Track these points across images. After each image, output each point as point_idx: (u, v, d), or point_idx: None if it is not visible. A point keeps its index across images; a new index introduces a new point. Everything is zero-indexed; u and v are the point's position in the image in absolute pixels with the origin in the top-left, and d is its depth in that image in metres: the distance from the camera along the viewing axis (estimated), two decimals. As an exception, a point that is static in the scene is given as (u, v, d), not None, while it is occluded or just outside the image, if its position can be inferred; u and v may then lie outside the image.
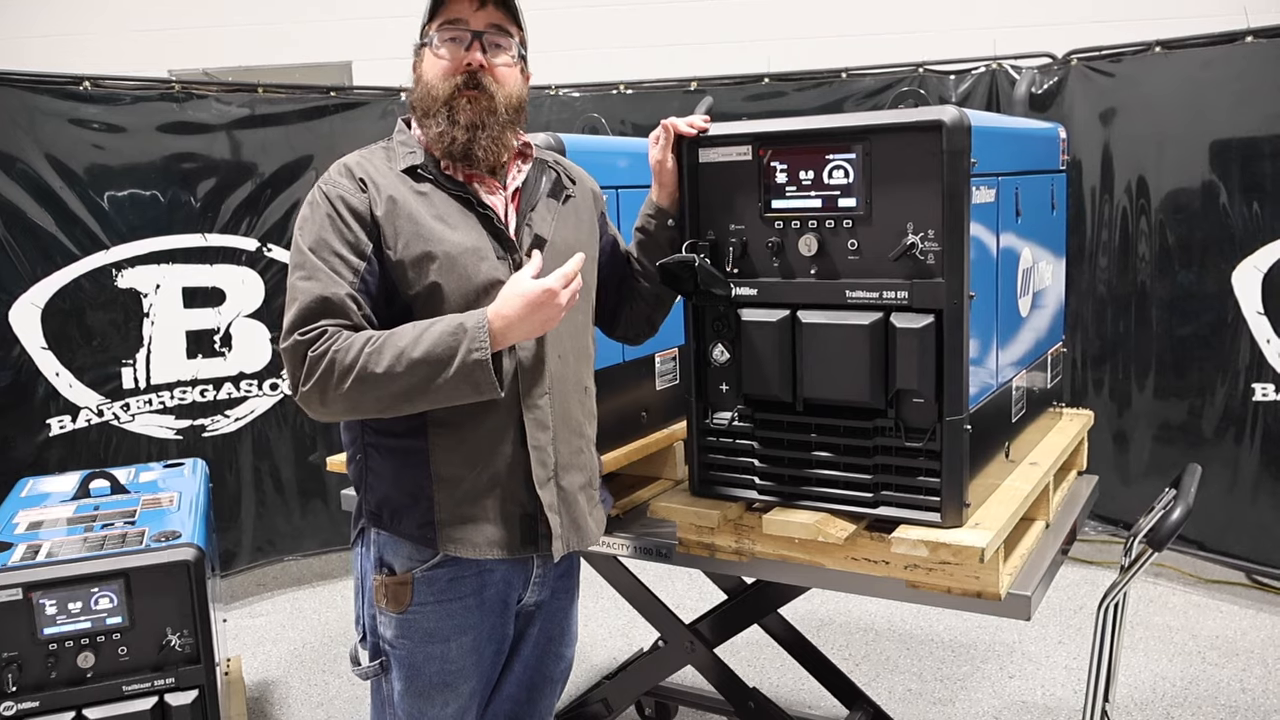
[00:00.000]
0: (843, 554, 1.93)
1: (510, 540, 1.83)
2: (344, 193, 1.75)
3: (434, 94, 1.79)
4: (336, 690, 3.61)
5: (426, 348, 1.65)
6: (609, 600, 3.86)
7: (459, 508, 1.79)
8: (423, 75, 1.83)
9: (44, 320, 3.88)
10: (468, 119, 1.78)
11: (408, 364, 1.64)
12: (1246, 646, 3.68)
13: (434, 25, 1.81)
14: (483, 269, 1.77)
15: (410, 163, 1.80)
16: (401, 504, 1.81)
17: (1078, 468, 2.53)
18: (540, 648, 2.03)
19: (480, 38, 1.79)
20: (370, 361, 1.65)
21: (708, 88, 4.82)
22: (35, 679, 2.21)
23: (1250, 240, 3.87)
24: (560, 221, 1.91)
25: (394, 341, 1.66)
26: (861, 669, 3.60)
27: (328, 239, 1.72)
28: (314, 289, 1.70)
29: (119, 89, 4.07)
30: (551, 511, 1.84)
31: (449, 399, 1.68)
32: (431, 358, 1.64)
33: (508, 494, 1.81)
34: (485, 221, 1.80)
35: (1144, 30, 4.28)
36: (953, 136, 1.74)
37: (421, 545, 1.81)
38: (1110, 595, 2.10)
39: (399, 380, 1.65)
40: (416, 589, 1.83)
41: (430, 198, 1.79)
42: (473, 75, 1.78)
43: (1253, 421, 3.93)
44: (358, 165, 1.80)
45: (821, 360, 1.87)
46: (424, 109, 1.81)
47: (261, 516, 4.51)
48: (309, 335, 1.68)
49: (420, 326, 1.68)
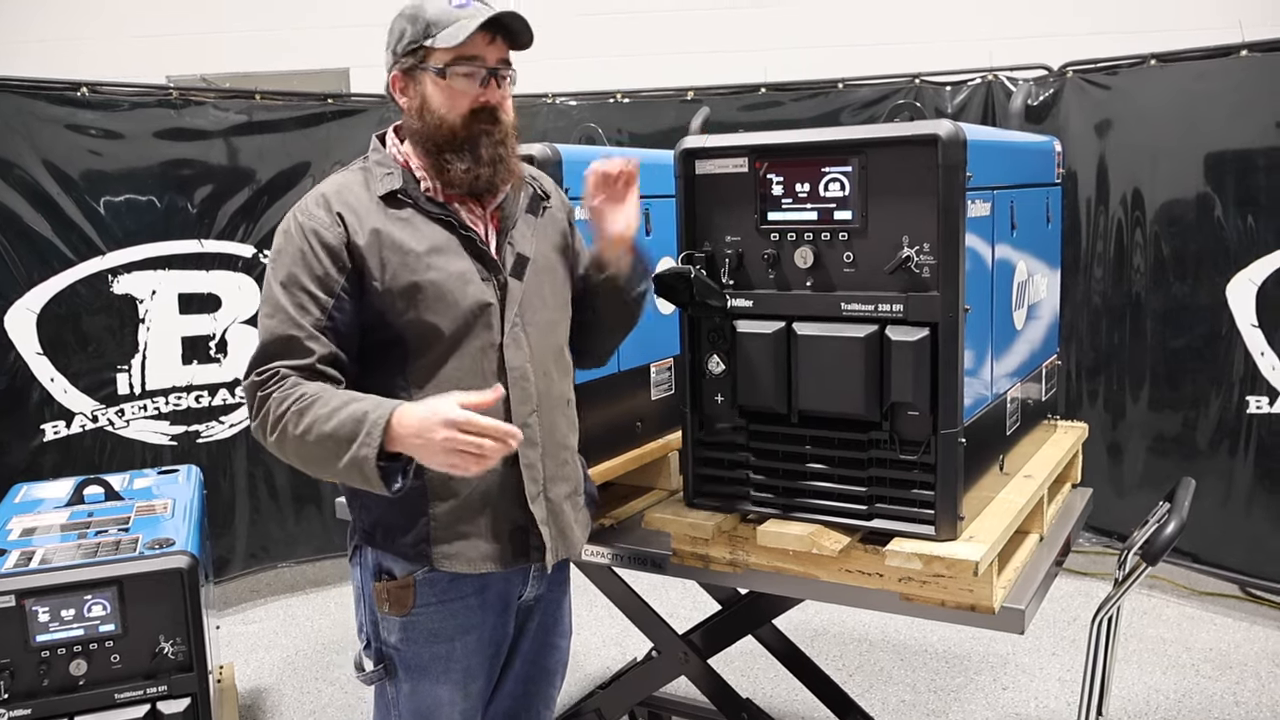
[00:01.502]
0: (837, 566, 1.93)
1: (503, 554, 1.84)
2: (319, 226, 1.74)
3: (452, 129, 1.77)
4: (329, 698, 3.60)
5: (333, 425, 1.62)
6: (603, 609, 3.85)
7: (452, 526, 1.80)
8: (429, 105, 1.78)
9: (39, 325, 3.87)
10: (490, 154, 1.78)
11: (316, 436, 1.63)
12: (1240, 659, 3.68)
13: (443, 55, 1.76)
14: (470, 293, 1.77)
15: (389, 187, 1.79)
16: (396, 524, 1.81)
17: (1072, 480, 2.54)
18: (538, 640, 2.04)
19: (495, 74, 1.79)
20: (291, 422, 1.65)
21: (704, 97, 4.83)
22: (28, 686, 2.21)
23: (1244, 253, 3.88)
24: (539, 236, 1.91)
25: (315, 408, 1.64)
26: (855, 680, 3.59)
27: (297, 274, 1.72)
28: (274, 328, 1.71)
29: (116, 95, 4.07)
30: (543, 525, 1.86)
31: (349, 481, 1.67)
32: (336, 437, 1.61)
33: (500, 511, 1.82)
34: (468, 244, 1.80)
35: (1139, 43, 4.30)
36: (948, 151, 1.74)
37: (416, 562, 1.82)
38: (1104, 608, 2.11)
39: (307, 448, 1.65)
40: (419, 591, 1.84)
41: (412, 223, 1.78)
42: (490, 110, 1.79)
43: (1246, 434, 3.94)
44: (336, 196, 1.77)
45: (817, 372, 1.88)
46: (438, 143, 1.78)
47: (255, 523, 4.51)
48: (263, 376, 1.70)
49: (343, 398, 1.65)
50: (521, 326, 1.83)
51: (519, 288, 1.83)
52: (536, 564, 1.90)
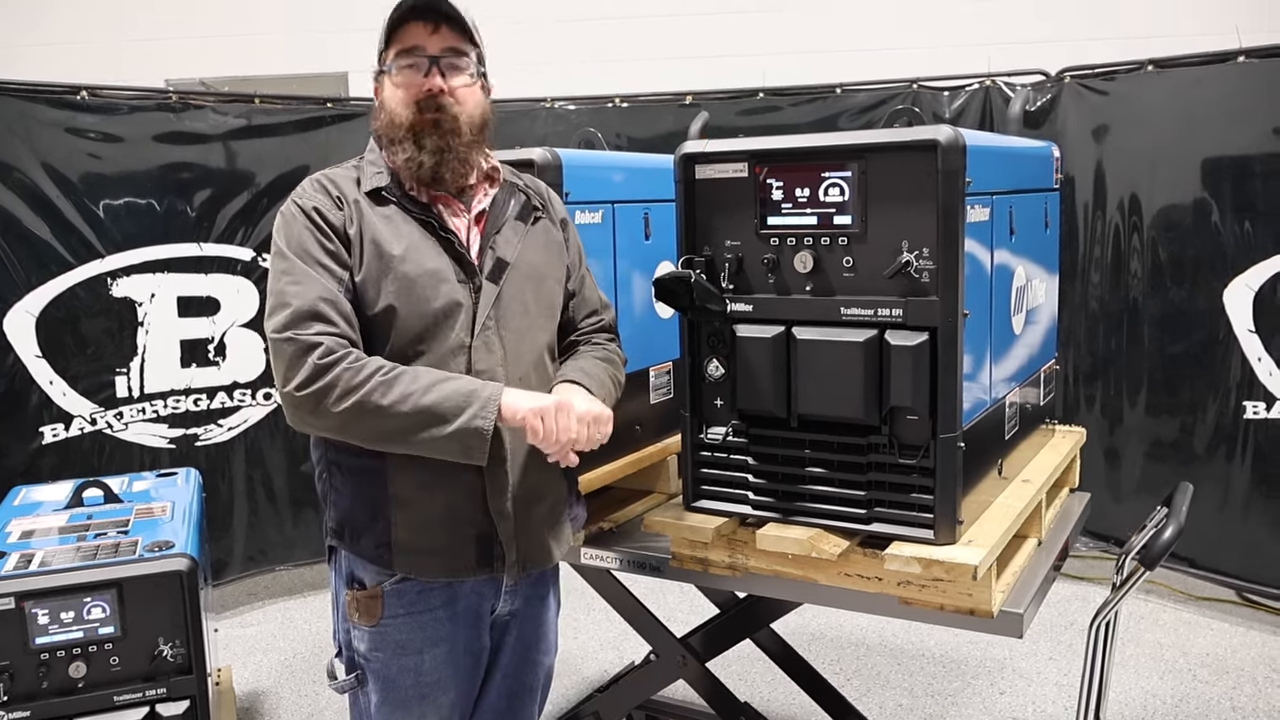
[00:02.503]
0: (836, 570, 1.93)
1: (464, 564, 1.83)
2: (320, 206, 1.77)
3: (397, 121, 1.81)
4: (327, 701, 3.60)
5: (437, 398, 1.67)
6: (600, 613, 3.86)
7: (414, 530, 1.80)
8: (384, 104, 1.84)
9: (38, 328, 3.87)
10: (434, 144, 1.79)
11: (413, 407, 1.66)
12: (1237, 664, 3.68)
13: (390, 53, 1.82)
14: (442, 291, 1.78)
15: (375, 184, 1.82)
16: (360, 523, 1.82)
17: (1070, 485, 2.55)
18: (518, 656, 2.03)
19: (437, 63, 1.80)
20: (377, 391, 1.66)
21: (702, 102, 4.84)
22: (27, 689, 2.20)
23: (1241, 258, 3.89)
24: (527, 243, 1.91)
25: (407, 380, 1.68)
26: (853, 684, 3.60)
27: (309, 248, 1.74)
28: (306, 292, 1.70)
29: (116, 99, 4.08)
30: (506, 536, 1.84)
31: (433, 452, 1.70)
32: (439, 409, 1.67)
33: (464, 518, 1.82)
34: (447, 245, 1.81)
35: (1137, 49, 4.31)
36: (948, 156, 1.75)
37: (379, 565, 1.82)
38: (1102, 614, 2.11)
39: (399, 419, 1.67)
40: (387, 602, 1.84)
41: (393, 220, 1.80)
42: (433, 98, 1.80)
43: (1244, 439, 3.95)
44: (331, 183, 1.82)
45: (816, 376, 1.88)
46: (390, 137, 1.83)
47: (253, 526, 4.50)
48: (309, 337, 1.67)
49: (436, 375, 1.72)
50: (495, 330, 1.83)
51: (494, 291, 1.83)
52: (502, 575, 1.88)
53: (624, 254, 2.38)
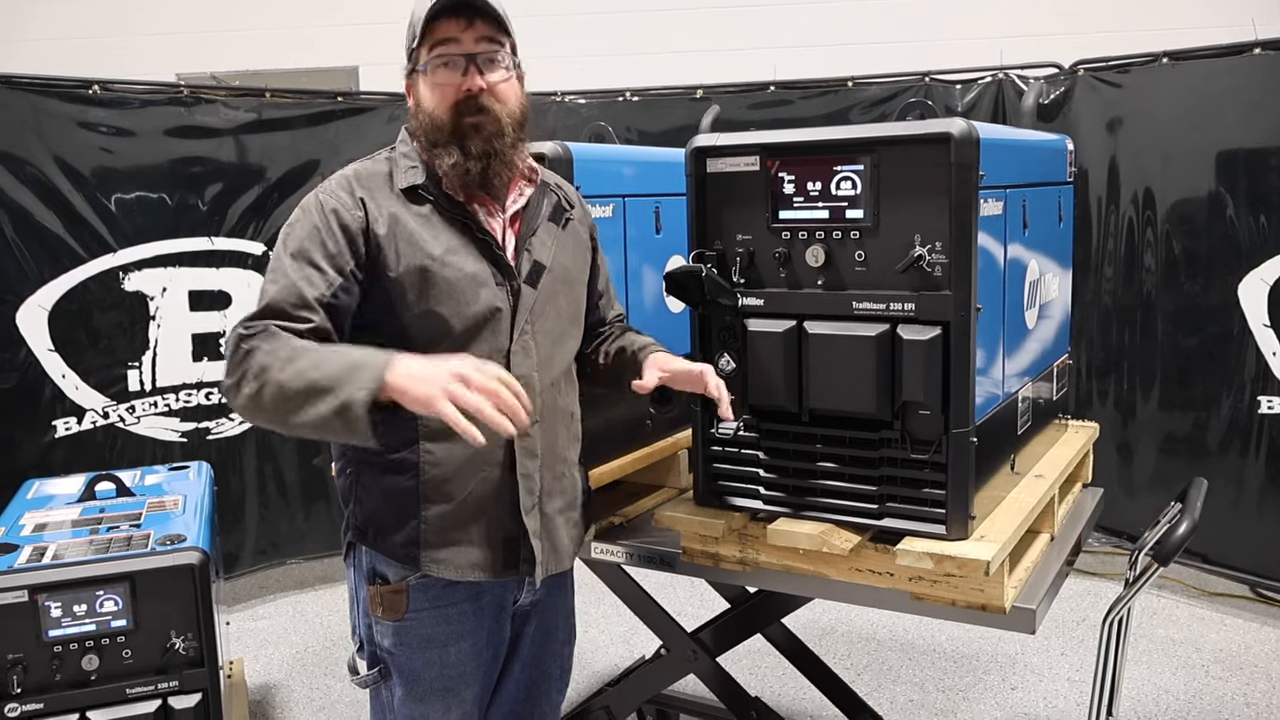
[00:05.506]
0: (847, 565, 1.93)
1: (493, 563, 1.82)
2: (340, 207, 1.72)
3: (439, 124, 1.75)
4: (339, 694, 3.61)
5: (324, 372, 1.55)
6: (611, 607, 3.86)
7: (444, 530, 1.79)
8: (421, 104, 1.78)
9: (51, 322, 3.89)
10: (479, 148, 1.74)
11: (303, 383, 1.55)
12: (1251, 660, 3.67)
13: (425, 49, 1.76)
14: (482, 296, 1.76)
15: (411, 181, 1.77)
16: (387, 523, 1.80)
17: (1083, 480, 2.53)
18: (537, 645, 2.03)
19: (475, 60, 1.75)
20: (276, 368, 1.58)
21: (714, 95, 4.82)
22: (39, 681, 2.21)
23: (1256, 252, 3.87)
24: (559, 246, 1.89)
25: (307, 356, 1.58)
26: (864, 679, 3.59)
27: (308, 249, 1.70)
28: (275, 293, 1.67)
29: (127, 93, 4.09)
30: (535, 537, 1.84)
31: (322, 433, 1.58)
32: (321, 383, 1.54)
33: (493, 519, 1.81)
34: (484, 247, 1.78)
35: (1151, 41, 4.28)
36: (961, 149, 1.74)
37: (405, 564, 1.82)
38: (1115, 609, 2.10)
39: (288, 397, 1.57)
40: (412, 596, 1.83)
41: (430, 220, 1.76)
42: (473, 99, 1.74)
43: (1258, 434, 3.92)
44: (359, 181, 1.77)
45: (828, 371, 1.87)
46: (431, 140, 1.77)
47: (265, 519, 4.52)
48: (251, 330, 1.63)
49: (338, 350, 1.61)
50: (531, 335, 1.82)
51: (532, 295, 1.82)
52: (528, 575, 1.88)
53: (635, 248, 2.37)
